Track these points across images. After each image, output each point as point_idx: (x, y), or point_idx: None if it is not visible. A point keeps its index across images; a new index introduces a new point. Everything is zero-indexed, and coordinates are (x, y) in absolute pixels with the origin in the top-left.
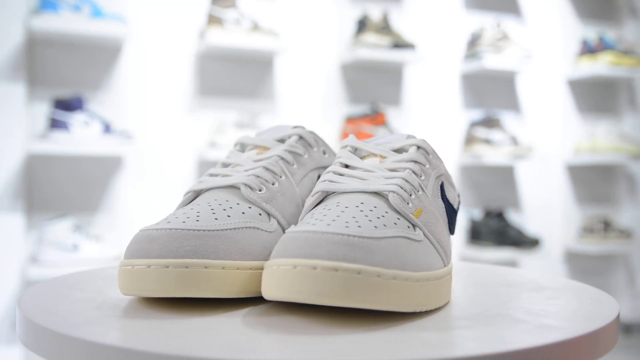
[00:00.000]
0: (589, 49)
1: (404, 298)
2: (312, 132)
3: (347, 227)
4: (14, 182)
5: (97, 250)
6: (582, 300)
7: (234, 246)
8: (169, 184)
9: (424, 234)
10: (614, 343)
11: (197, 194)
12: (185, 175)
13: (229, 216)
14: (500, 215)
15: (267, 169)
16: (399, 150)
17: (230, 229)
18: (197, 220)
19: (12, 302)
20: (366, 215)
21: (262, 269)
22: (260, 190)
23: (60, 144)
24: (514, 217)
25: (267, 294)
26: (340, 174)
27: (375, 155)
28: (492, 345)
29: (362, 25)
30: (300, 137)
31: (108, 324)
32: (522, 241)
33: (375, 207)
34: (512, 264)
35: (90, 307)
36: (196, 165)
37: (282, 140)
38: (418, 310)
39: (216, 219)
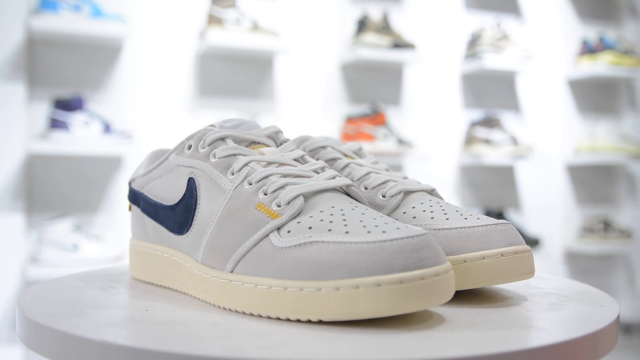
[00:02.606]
0: (589, 49)
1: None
2: None
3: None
4: (14, 182)
5: (97, 250)
6: (582, 301)
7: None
8: None
9: None
10: (614, 344)
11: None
12: None
13: (365, 225)
14: (500, 215)
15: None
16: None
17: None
18: (398, 228)
19: (12, 302)
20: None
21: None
22: None
23: (60, 144)
24: (514, 217)
25: (502, 280)
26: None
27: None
28: (491, 345)
29: (362, 25)
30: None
31: (109, 323)
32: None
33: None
34: None
35: (90, 306)
36: None
37: (271, 137)
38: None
39: (397, 228)
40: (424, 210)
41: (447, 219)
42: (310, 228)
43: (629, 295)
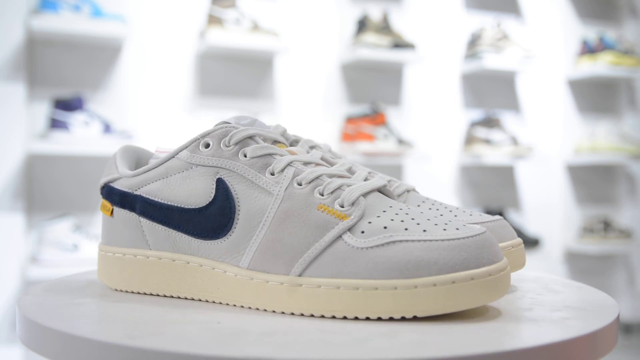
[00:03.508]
0: (589, 49)
1: None
2: None
3: None
4: (14, 182)
5: (97, 250)
6: (582, 301)
7: None
8: None
9: None
10: (614, 343)
11: None
12: None
13: (436, 223)
14: (500, 215)
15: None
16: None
17: None
18: (465, 226)
19: (12, 302)
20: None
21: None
22: None
23: (60, 144)
24: (514, 217)
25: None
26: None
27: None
28: (490, 344)
29: (362, 25)
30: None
31: (109, 323)
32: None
33: None
34: None
35: (90, 306)
36: None
37: (283, 136)
38: None
39: (464, 225)
40: (429, 209)
41: (455, 215)
42: (385, 228)
43: (629, 295)
